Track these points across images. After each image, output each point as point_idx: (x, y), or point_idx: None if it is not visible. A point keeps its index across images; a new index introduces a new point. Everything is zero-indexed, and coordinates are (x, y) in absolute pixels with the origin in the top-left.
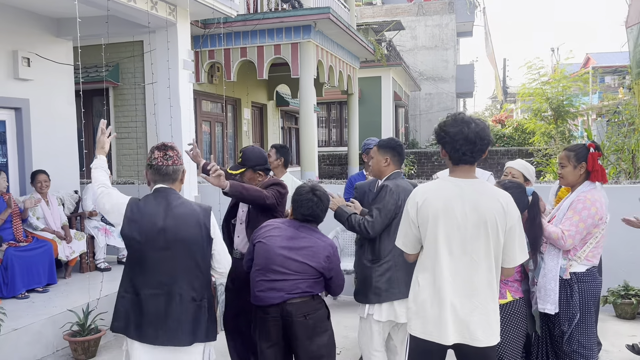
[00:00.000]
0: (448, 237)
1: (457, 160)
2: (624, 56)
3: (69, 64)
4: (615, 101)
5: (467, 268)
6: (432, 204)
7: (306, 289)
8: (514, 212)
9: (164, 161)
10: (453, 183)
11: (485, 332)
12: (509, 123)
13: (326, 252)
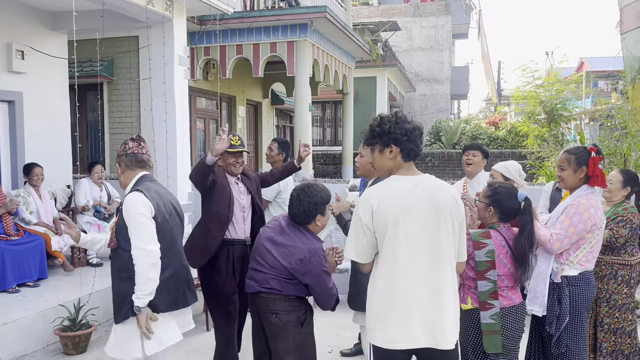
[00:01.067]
0: (409, 237)
1: (414, 155)
2: (618, 61)
3: (64, 57)
4: (608, 106)
5: (431, 267)
6: (389, 205)
7: (276, 286)
8: (462, 204)
9: (139, 149)
10: (405, 181)
11: (453, 333)
12: (502, 125)
13: (301, 255)
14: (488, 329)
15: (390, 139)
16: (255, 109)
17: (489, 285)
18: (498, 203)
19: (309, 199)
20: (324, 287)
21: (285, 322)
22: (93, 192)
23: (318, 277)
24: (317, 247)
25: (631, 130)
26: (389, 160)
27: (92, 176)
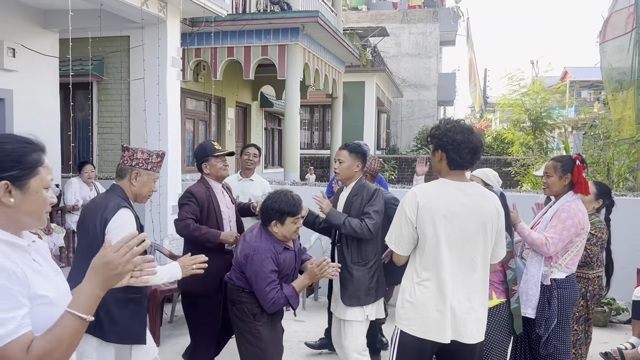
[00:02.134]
0: (449, 238)
1: (458, 165)
2: (599, 71)
3: (55, 56)
4: (592, 115)
5: (466, 268)
6: (435, 205)
7: (233, 277)
8: (502, 212)
9: (120, 159)
10: (453, 186)
11: (479, 330)
12: (488, 132)
13: (247, 251)
14: (516, 312)
15: (438, 144)
16: (245, 111)
17: (511, 273)
18: None
19: (269, 203)
20: (258, 287)
21: (239, 313)
22: (83, 192)
23: (255, 276)
24: (263, 248)
25: (614, 140)
26: (437, 162)
27: (82, 175)
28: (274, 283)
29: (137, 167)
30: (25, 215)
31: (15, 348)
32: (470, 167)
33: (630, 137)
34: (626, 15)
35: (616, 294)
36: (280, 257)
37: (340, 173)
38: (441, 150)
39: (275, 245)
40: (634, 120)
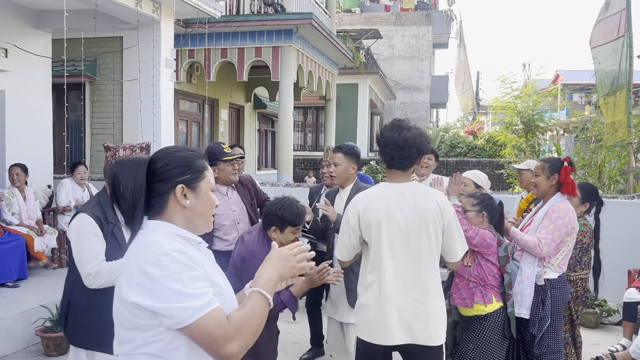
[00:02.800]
0: (391, 240)
1: (388, 164)
2: (591, 75)
3: (47, 56)
4: (583, 118)
5: (412, 269)
6: (374, 210)
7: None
8: (449, 209)
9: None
10: (391, 187)
11: (437, 332)
12: (480, 135)
13: (243, 254)
14: (511, 316)
15: (380, 146)
16: (238, 113)
17: (508, 277)
18: (487, 207)
19: (273, 208)
20: None
21: None
22: (75, 193)
23: (248, 280)
24: (260, 253)
25: (606, 143)
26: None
27: (74, 177)
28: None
29: None
30: (197, 217)
31: (216, 317)
32: (403, 167)
33: (621, 140)
34: (618, 20)
35: (607, 295)
36: None
37: (336, 176)
38: (380, 152)
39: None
40: (624, 124)
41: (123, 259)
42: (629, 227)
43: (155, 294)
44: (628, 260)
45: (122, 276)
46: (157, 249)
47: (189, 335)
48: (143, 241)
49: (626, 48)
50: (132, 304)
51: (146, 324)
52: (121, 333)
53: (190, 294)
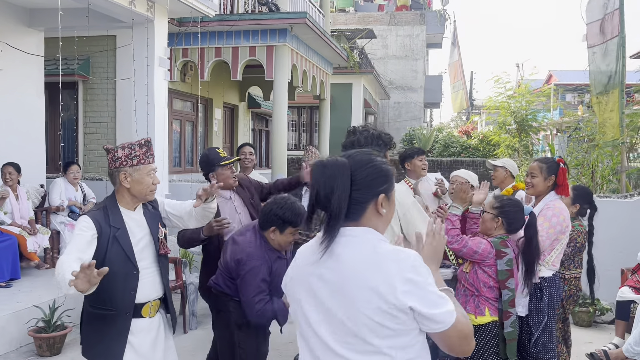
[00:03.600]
0: None
1: None
2: (585, 75)
3: (40, 55)
4: (576, 118)
5: None
6: None
7: (221, 284)
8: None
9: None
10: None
11: None
12: (474, 135)
13: (239, 256)
14: (510, 337)
15: None
16: (232, 112)
17: (509, 293)
18: (507, 215)
19: (274, 207)
20: (245, 295)
21: (223, 320)
22: (68, 192)
23: (244, 283)
24: (257, 256)
25: (598, 143)
26: None
27: (67, 176)
28: (263, 294)
29: (123, 167)
30: (387, 223)
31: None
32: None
33: (614, 140)
34: (612, 20)
35: (600, 294)
36: (273, 266)
37: None
38: None
39: (269, 253)
40: (617, 123)
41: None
42: (622, 226)
43: (423, 299)
44: (621, 259)
45: (366, 286)
46: (408, 257)
47: (444, 336)
48: (380, 250)
49: (619, 48)
50: (405, 310)
51: (407, 329)
52: (375, 343)
53: (443, 296)
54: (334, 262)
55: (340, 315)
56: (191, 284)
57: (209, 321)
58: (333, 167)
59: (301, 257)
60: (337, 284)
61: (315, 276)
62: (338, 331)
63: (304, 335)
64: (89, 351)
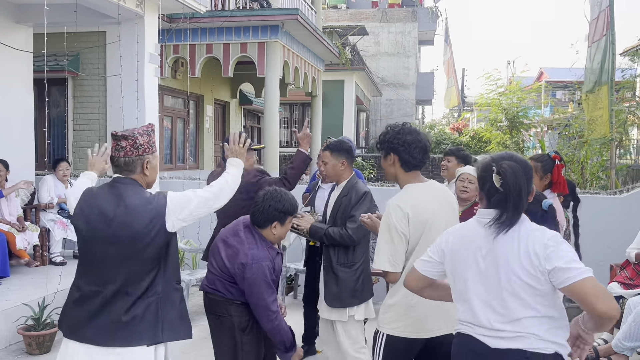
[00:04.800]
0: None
1: (412, 166)
2: (574, 72)
3: (29, 51)
4: (566, 115)
5: None
6: (423, 211)
7: (220, 288)
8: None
9: (115, 152)
10: (425, 187)
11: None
12: (466, 132)
13: (243, 260)
14: None
15: (390, 147)
16: (223, 109)
17: None
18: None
19: (273, 203)
20: (259, 297)
21: (225, 325)
22: (57, 189)
23: (255, 286)
24: (262, 256)
25: (587, 139)
26: (390, 166)
27: (57, 173)
28: (275, 295)
29: (146, 155)
30: None
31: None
32: (423, 166)
33: (603, 137)
34: (604, 18)
35: None
36: (275, 263)
37: (327, 175)
38: (393, 153)
39: (270, 251)
40: (606, 120)
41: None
42: (611, 222)
43: (561, 259)
44: (610, 255)
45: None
46: (545, 233)
47: (581, 288)
48: (532, 228)
49: (609, 46)
50: (545, 272)
51: (547, 288)
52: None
53: (577, 260)
54: (501, 239)
55: (499, 278)
56: (182, 282)
57: (200, 319)
58: (519, 170)
59: (460, 234)
60: (500, 255)
61: (485, 249)
62: (494, 290)
63: (463, 296)
64: (183, 329)
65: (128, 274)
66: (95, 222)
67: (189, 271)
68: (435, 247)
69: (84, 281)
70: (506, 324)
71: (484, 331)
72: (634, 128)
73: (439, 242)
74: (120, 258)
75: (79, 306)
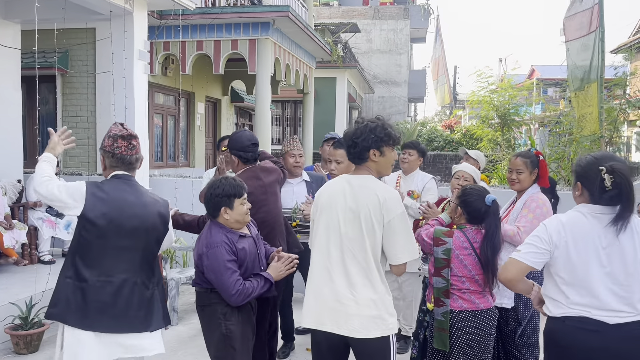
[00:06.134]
0: (327, 227)
1: (350, 157)
2: (564, 69)
3: (16, 47)
4: (557, 112)
5: (346, 259)
6: (321, 197)
7: (198, 281)
8: (394, 207)
9: (128, 151)
10: (345, 179)
11: (364, 326)
12: (457, 129)
13: (200, 250)
14: (439, 326)
15: None
16: (215, 106)
17: (443, 282)
18: (465, 204)
19: (212, 190)
20: (218, 282)
21: (208, 314)
22: None
23: (213, 272)
24: (216, 241)
25: (577, 137)
26: None
27: None
28: (236, 274)
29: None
30: None
31: None
32: (354, 160)
33: (592, 134)
34: (590, 15)
35: None
36: (238, 246)
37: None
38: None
39: (229, 235)
40: (596, 117)
41: None
42: None
43: None
44: None
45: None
46: None
47: None
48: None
49: (598, 43)
50: None
51: None
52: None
53: None
54: (622, 232)
55: (626, 266)
56: (172, 280)
57: (191, 317)
58: (627, 170)
59: (574, 227)
60: (626, 246)
61: (605, 240)
62: (618, 277)
63: (582, 283)
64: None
65: (139, 265)
66: (116, 216)
67: (179, 269)
68: (544, 239)
69: (91, 273)
70: (626, 305)
71: (604, 312)
72: (624, 125)
73: (546, 234)
74: (134, 250)
75: (87, 297)
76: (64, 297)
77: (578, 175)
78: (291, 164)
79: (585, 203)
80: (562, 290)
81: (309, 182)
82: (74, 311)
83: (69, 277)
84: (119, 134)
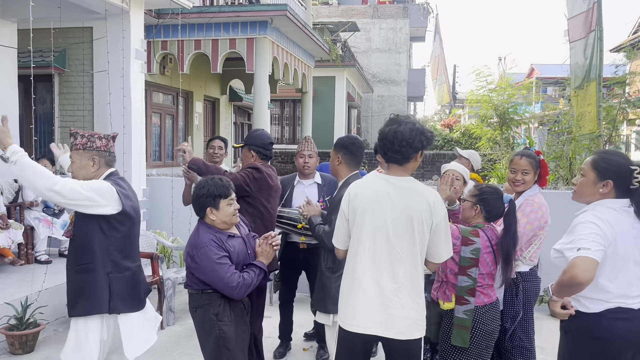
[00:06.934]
0: (373, 230)
1: (385, 159)
2: (565, 68)
3: (13, 47)
4: (556, 111)
5: (390, 262)
6: (363, 197)
7: (189, 281)
8: (440, 210)
9: (113, 149)
10: (385, 180)
11: (408, 326)
12: (456, 128)
13: (190, 252)
14: (460, 323)
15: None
16: (213, 105)
17: (468, 281)
18: (485, 203)
19: (198, 191)
20: (216, 279)
21: (201, 315)
22: None
23: (208, 272)
24: (204, 240)
25: (575, 135)
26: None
27: None
28: (232, 268)
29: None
30: None
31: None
32: (396, 161)
33: (591, 133)
34: (590, 15)
35: None
36: (227, 245)
37: (332, 170)
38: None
39: (217, 235)
40: (594, 116)
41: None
42: None
43: None
44: None
45: None
46: None
47: None
48: None
49: (597, 42)
50: None
51: None
52: None
53: None
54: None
55: None
56: (168, 280)
57: (187, 317)
58: None
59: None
60: None
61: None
62: None
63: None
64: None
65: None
66: (137, 207)
67: (176, 269)
68: (600, 236)
69: (130, 260)
70: None
71: (631, 300)
72: (623, 124)
73: (599, 231)
74: (138, 236)
75: (135, 282)
76: (114, 292)
77: (609, 173)
78: (300, 164)
79: (611, 199)
80: (602, 286)
81: (321, 185)
82: (127, 299)
83: (110, 272)
84: (107, 136)
